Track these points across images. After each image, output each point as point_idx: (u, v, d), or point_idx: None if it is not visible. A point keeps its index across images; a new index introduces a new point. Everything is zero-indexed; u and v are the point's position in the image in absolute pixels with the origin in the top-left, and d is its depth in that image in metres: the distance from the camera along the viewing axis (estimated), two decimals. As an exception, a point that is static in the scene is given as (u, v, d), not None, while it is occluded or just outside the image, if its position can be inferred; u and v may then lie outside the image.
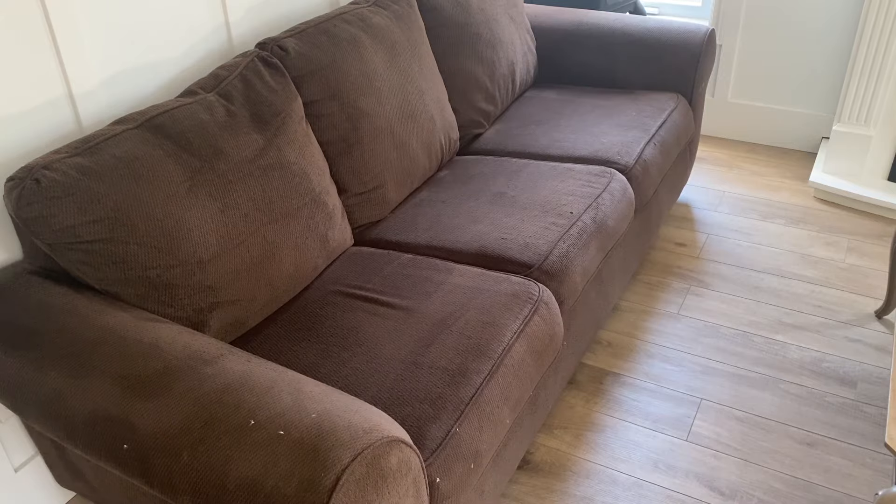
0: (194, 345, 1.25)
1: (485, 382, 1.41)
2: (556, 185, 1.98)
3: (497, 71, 2.37)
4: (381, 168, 1.90)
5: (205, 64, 1.83)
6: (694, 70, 2.47)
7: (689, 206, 2.80)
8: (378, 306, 1.59)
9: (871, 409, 1.90)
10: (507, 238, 1.77)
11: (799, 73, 3.02)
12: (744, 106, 3.18)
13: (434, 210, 1.94)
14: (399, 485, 1.07)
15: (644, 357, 2.10)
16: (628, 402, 1.95)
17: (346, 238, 1.83)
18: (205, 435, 1.07)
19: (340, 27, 1.88)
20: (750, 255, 2.49)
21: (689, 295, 2.33)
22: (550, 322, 1.61)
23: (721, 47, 3.11)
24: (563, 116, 2.39)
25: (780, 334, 2.15)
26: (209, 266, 1.44)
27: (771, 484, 1.71)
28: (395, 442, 1.08)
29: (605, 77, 2.59)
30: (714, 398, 1.95)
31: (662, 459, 1.79)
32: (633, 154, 2.16)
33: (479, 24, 2.31)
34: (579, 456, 1.81)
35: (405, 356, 1.44)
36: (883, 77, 2.60)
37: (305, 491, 0.99)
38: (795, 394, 1.95)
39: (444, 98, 2.17)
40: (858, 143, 2.74)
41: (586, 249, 1.80)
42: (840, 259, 2.46)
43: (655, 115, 2.35)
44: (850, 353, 2.07)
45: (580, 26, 2.60)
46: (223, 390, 1.13)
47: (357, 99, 1.84)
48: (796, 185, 2.90)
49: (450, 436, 1.31)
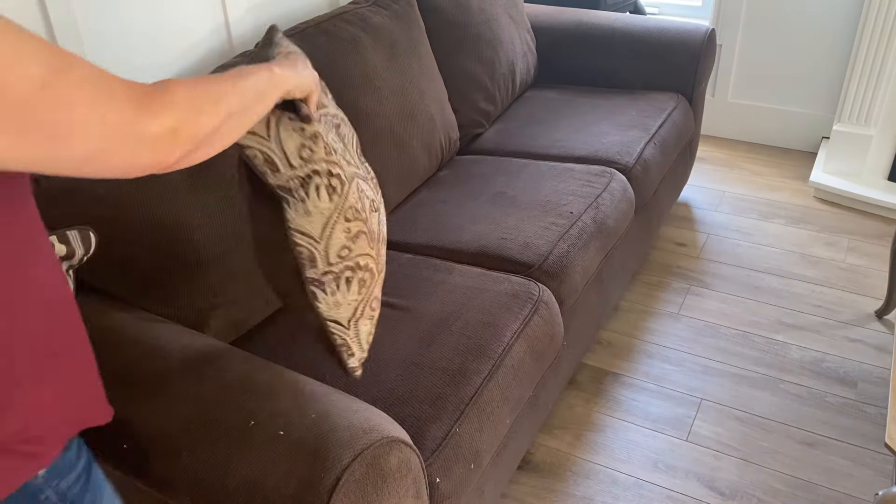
0: (194, 345, 1.25)
1: (485, 382, 1.41)
2: (556, 185, 1.98)
3: (497, 71, 2.37)
4: (381, 168, 1.90)
5: (205, 64, 1.83)
6: (694, 70, 2.47)
7: (689, 206, 2.80)
8: (378, 306, 1.59)
9: (872, 409, 1.89)
10: (507, 238, 1.77)
11: (799, 73, 3.02)
12: (744, 106, 3.18)
13: (434, 210, 1.94)
14: (399, 485, 1.07)
15: (644, 357, 2.10)
16: (628, 402, 1.95)
17: (346, 238, 1.83)
18: (205, 435, 1.07)
19: (340, 27, 1.88)
20: (750, 255, 2.49)
21: (689, 295, 2.33)
22: (550, 322, 1.61)
23: (721, 47, 3.11)
24: (563, 116, 2.39)
25: (780, 334, 2.15)
26: (209, 266, 1.44)
27: (771, 484, 1.71)
28: (395, 442, 1.08)
29: (605, 77, 2.59)
30: (714, 398, 1.95)
31: (662, 459, 1.79)
32: (634, 154, 2.16)
33: (479, 23, 2.31)
34: (579, 456, 1.81)
35: (405, 356, 1.44)
36: (883, 77, 2.60)
37: (305, 491, 0.99)
38: (795, 394, 1.95)
39: (444, 98, 2.17)
40: (858, 142, 2.74)
41: (586, 249, 1.80)
42: (840, 259, 2.46)
43: (655, 115, 2.35)
44: (850, 353, 2.07)
45: (580, 26, 2.60)
46: (223, 390, 1.13)
47: (357, 99, 1.84)
48: (796, 185, 2.90)
49: (450, 436, 1.31)
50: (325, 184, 1.02)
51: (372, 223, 1.12)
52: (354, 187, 1.08)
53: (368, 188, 1.15)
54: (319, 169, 1.01)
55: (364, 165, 1.19)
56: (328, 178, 1.02)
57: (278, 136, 0.98)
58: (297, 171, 1.00)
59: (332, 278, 1.07)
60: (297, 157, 1.00)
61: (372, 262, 1.12)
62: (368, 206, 1.12)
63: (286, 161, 1.00)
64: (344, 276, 1.08)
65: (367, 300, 1.14)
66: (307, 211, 1.02)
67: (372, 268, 1.12)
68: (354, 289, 1.10)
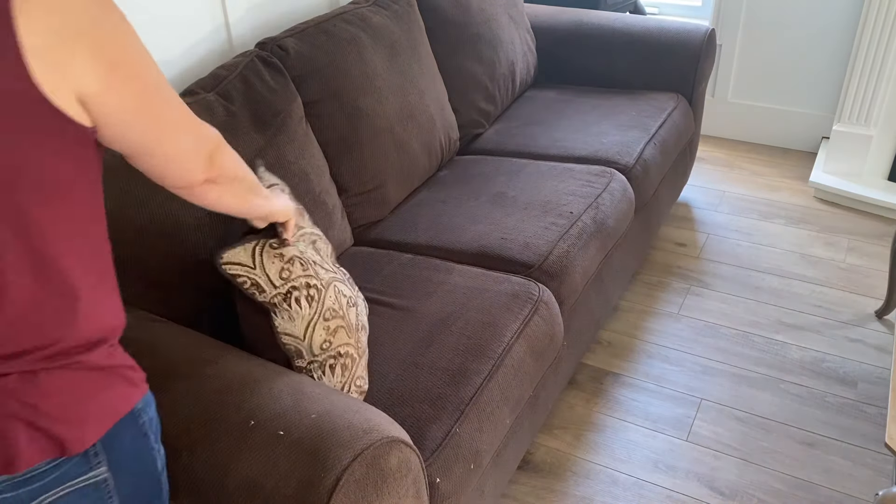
0: (194, 345, 1.25)
1: (485, 382, 1.41)
2: (556, 185, 1.98)
3: (497, 71, 2.37)
4: (380, 168, 1.90)
5: (205, 64, 1.83)
6: (694, 70, 2.47)
7: (689, 206, 2.80)
8: (378, 306, 1.59)
9: (872, 409, 1.89)
10: (507, 238, 1.77)
11: (799, 73, 3.02)
12: (744, 106, 3.18)
13: (434, 210, 1.94)
14: (399, 485, 1.07)
15: (644, 357, 2.10)
16: (628, 402, 1.95)
17: (345, 238, 1.83)
18: (205, 435, 1.07)
19: (340, 27, 1.88)
20: (750, 255, 2.49)
21: (689, 295, 2.33)
22: (550, 322, 1.61)
23: (721, 47, 3.11)
24: (563, 116, 2.39)
25: (780, 334, 2.15)
26: (209, 266, 1.44)
27: (771, 484, 1.71)
28: (394, 442, 1.07)
29: (605, 77, 2.59)
30: (714, 398, 1.95)
31: (662, 459, 1.79)
32: (634, 154, 2.16)
33: (479, 23, 2.31)
34: (579, 456, 1.81)
35: (405, 356, 1.44)
36: (883, 77, 2.60)
37: (305, 491, 0.99)
38: (795, 394, 1.95)
39: (444, 98, 2.17)
40: (858, 142, 2.74)
41: (586, 249, 1.80)
42: (840, 259, 2.46)
43: (655, 115, 2.35)
44: (850, 353, 2.07)
45: (580, 26, 2.60)
46: (223, 390, 1.13)
47: (357, 99, 1.84)
48: (796, 185, 2.90)
49: (450, 436, 1.31)
50: (305, 294, 1.25)
51: (350, 318, 1.33)
52: (332, 290, 1.31)
53: (345, 287, 1.37)
54: (298, 284, 1.25)
55: (340, 270, 1.42)
56: (306, 290, 1.25)
57: (262, 265, 1.21)
58: (279, 290, 1.23)
59: (317, 366, 1.26)
60: (278, 279, 1.23)
61: (352, 349, 1.32)
62: (346, 304, 1.33)
63: (270, 283, 1.22)
64: (328, 364, 1.27)
65: (352, 379, 1.31)
66: (291, 317, 1.24)
67: (352, 354, 1.32)
68: (338, 373, 1.29)
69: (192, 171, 0.89)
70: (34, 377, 0.78)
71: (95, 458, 0.84)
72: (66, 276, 0.78)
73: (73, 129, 0.74)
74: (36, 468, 0.79)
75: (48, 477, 0.80)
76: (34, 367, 0.78)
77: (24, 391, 0.78)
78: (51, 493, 0.81)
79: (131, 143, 0.81)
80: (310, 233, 1.38)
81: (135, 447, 0.89)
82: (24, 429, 0.78)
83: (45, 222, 0.75)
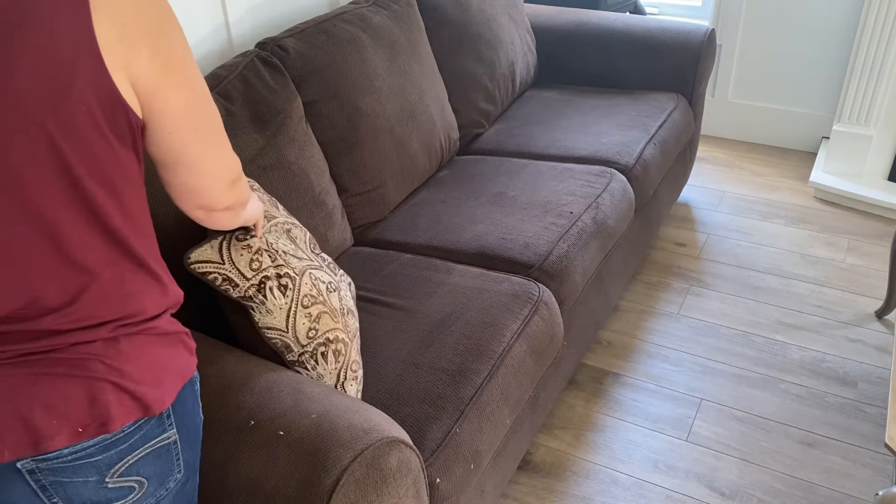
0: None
1: (485, 382, 1.41)
2: (556, 185, 1.98)
3: (497, 71, 2.37)
4: (380, 168, 1.90)
5: (204, 64, 1.83)
6: (694, 70, 2.47)
7: (689, 206, 2.80)
8: (378, 306, 1.59)
9: (872, 409, 1.89)
10: (507, 238, 1.77)
11: (799, 73, 3.02)
12: (744, 106, 3.18)
13: (434, 210, 1.94)
14: (399, 485, 1.07)
15: (644, 357, 2.10)
16: (628, 402, 1.95)
17: (345, 238, 1.83)
18: (205, 435, 1.07)
19: (340, 27, 1.88)
20: (750, 255, 2.49)
21: (689, 295, 2.33)
22: (550, 322, 1.61)
23: (721, 47, 3.11)
24: (563, 116, 2.39)
25: (780, 334, 2.15)
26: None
27: (771, 484, 1.71)
28: (394, 442, 1.08)
29: (605, 77, 2.59)
30: (714, 398, 1.95)
31: (662, 459, 1.79)
32: (633, 154, 2.16)
33: (479, 23, 2.31)
34: (579, 456, 1.81)
35: (405, 356, 1.44)
36: (883, 77, 2.60)
37: (305, 491, 0.99)
38: (795, 394, 1.95)
39: (444, 98, 2.17)
40: (858, 143, 2.74)
41: (586, 249, 1.80)
42: (840, 259, 2.46)
43: (655, 115, 2.35)
44: (850, 353, 2.07)
45: (580, 26, 2.60)
46: (223, 390, 1.13)
47: (357, 99, 1.84)
48: (796, 185, 2.90)
49: (450, 436, 1.31)
50: (277, 284, 1.24)
51: (332, 302, 1.32)
52: (307, 277, 1.30)
53: (324, 274, 1.36)
54: (269, 274, 1.23)
55: (319, 256, 1.42)
56: (277, 280, 1.24)
57: (231, 259, 1.21)
58: (252, 281, 1.22)
59: (309, 356, 1.26)
60: (249, 270, 1.22)
61: (341, 333, 1.31)
62: (325, 289, 1.32)
63: (241, 275, 1.21)
64: (319, 352, 1.26)
65: (347, 364, 1.31)
66: (268, 310, 1.23)
67: (342, 338, 1.31)
68: (331, 359, 1.28)
69: (218, 193, 0.94)
70: (116, 343, 0.84)
71: (168, 420, 0.88)
72: (137, 253, 0.85)
73: (135, 121, 0.80)
74: (124, 428, 0.83)
75: (133, 437, 0.85)
76: (116, 334, 0.84)
77: (109, 356, 0.83)
78: (134, 454, 0.85)
79: (172, 149, 0.86)
80: (283, 221, 1.37)
81: (193, 412, 0.94)
82: (113, 390, 0.82)
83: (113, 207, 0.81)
